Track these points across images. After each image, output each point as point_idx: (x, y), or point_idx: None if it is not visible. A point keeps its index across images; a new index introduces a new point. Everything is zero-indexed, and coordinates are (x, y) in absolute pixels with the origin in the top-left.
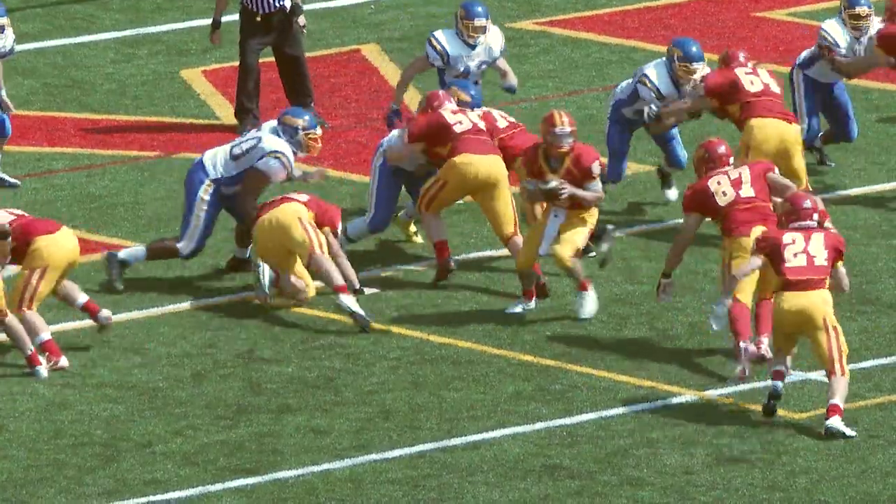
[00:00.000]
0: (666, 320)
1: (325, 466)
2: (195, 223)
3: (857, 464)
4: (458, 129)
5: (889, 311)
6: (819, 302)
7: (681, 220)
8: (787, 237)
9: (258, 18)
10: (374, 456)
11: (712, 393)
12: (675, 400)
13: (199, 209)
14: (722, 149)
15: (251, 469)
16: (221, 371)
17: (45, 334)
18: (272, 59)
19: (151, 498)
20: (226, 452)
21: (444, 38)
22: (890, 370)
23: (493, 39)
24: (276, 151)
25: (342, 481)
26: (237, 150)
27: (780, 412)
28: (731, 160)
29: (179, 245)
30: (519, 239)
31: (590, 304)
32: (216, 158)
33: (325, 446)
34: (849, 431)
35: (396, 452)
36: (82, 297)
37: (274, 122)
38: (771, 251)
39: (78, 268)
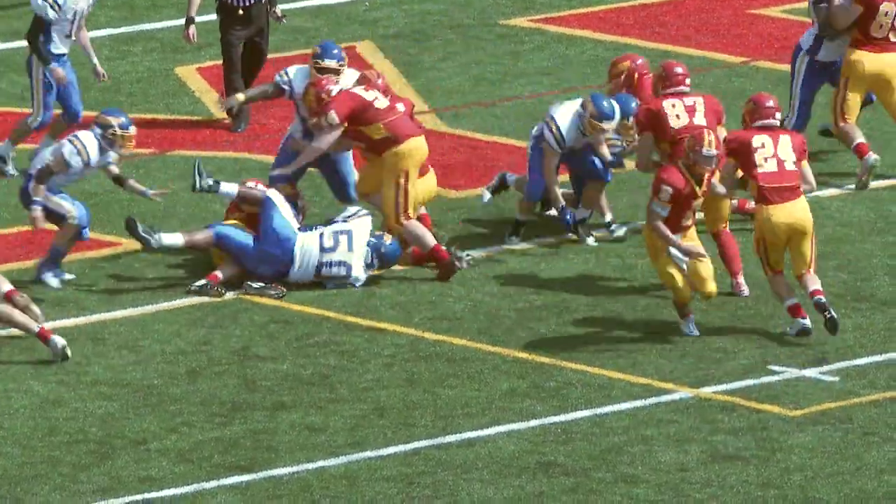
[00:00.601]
0: (661, 317)
1: (320, 463)
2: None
3: (851, 461)
4: (378, 105)
5: (883, 307)
6: (807, 209)
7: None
8: (756, 140)
9: (240, 12)
10: (368, 453)
11: (707, 390)
12: (669, 397)
13: None
14: (679, 70)
15: (246, 466)
16: (216, 368)
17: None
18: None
19: (146, 495)
20: (220, 449)
21: None
22: (884, 367)
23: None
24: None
25: (337, 478)
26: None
27: (775, 409)
28: (688, 81)
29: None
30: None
31: None
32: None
33: (320, 443)
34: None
35: (391, 449)
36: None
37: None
38: (741, 151)
39: (74, 266)
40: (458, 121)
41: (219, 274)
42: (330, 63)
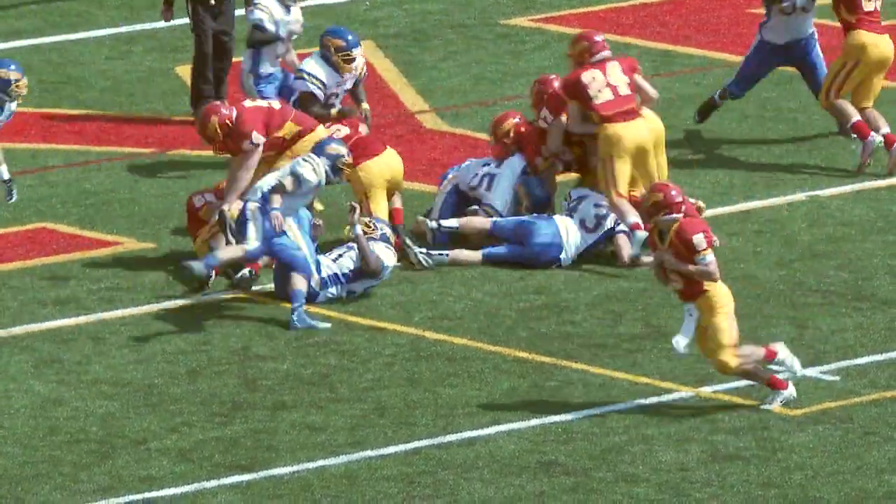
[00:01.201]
0: (661, 317)
1: (321, 463)
2: None
3: (852, 460)
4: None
5: (884, 307)
6: (650, 128)
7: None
8: (586, 76)
9: (212, 2)
10: (369, 452)
11: (707, 389)
12: (670, 396)
13: None
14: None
15: (246, 466)
16: (216, 368)
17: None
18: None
19: (146, 494)
20: (221, 449)
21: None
22: (885, 366)
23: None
24: None
25: (337, 478)
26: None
27: (776, 409)
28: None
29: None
30: None
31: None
32: None
33: (321, 443)
34: None
35: (391, 449)
36: None
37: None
38: (576, 92)
39: (72, 265)
40: (458, 120)
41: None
42: (355, 52)
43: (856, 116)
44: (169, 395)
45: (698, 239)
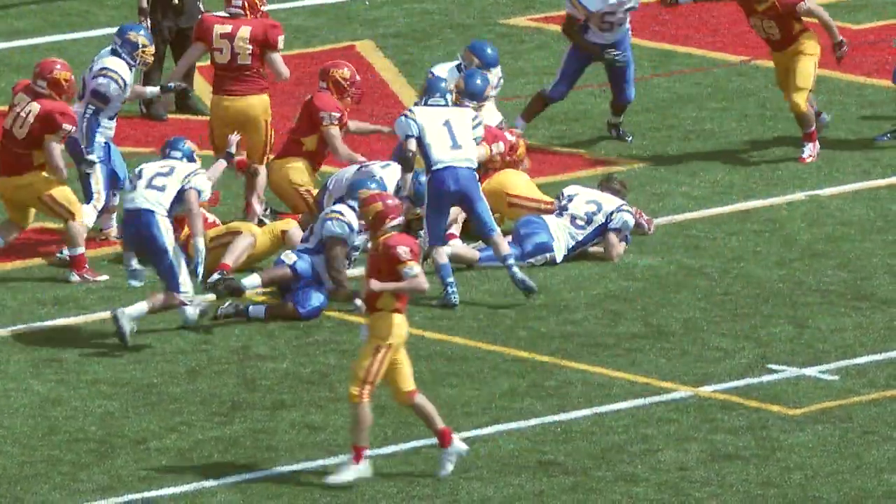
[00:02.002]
0: (660, 316)
1: (320, 462)
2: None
3: (851, 460)
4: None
5: (883, 306)
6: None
7: (676, 216)
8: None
9: (175, 1)
10: (368, 452)
11: (707, 389)
12: (669, 396)
13: None
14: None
15: (246, 465)
16: (216, 367)
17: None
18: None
19: (146, 494)
20: (220, 449)
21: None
22: (884, 366)
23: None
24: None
25: None
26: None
27: (775, 408)
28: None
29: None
30: None
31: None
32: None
33: (320, 442)
34: None
35: (391, 448)
36: None
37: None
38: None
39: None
40: None
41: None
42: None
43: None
44: (168, 394)
45: (403, 251)
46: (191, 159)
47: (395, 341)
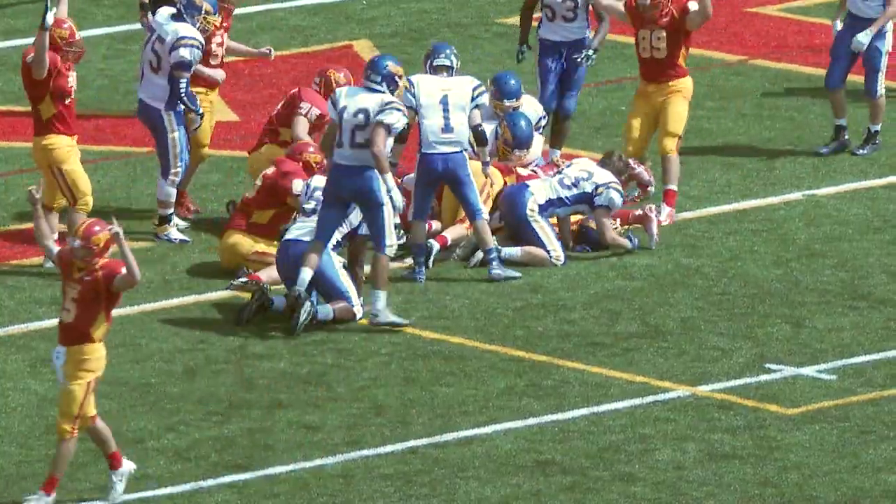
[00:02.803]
0: (658, 315)
1: (317, 462)
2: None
3: (848, 459)
4: None
5: (880, 306)
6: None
7: (673, 219)
8: None
9: None
10: (365, 451)
11: (704, 388)
12: (667, 395)
13: None
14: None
15: (243, 465)
16: (213, 367)
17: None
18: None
19: (143, 493)
20: (218, 448)
21: None
22: (882, 365)
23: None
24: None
25: (334, 477)
26: None
27: (772, 408)
28: None
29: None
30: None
31: None
32: None
33: (317, 442)
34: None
35: (388, 448)
36: None
37: None
38: None
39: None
40: None
41: (262, 276)
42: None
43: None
44: (166, 394)
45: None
46: (390, 82)
47: (102, 371)
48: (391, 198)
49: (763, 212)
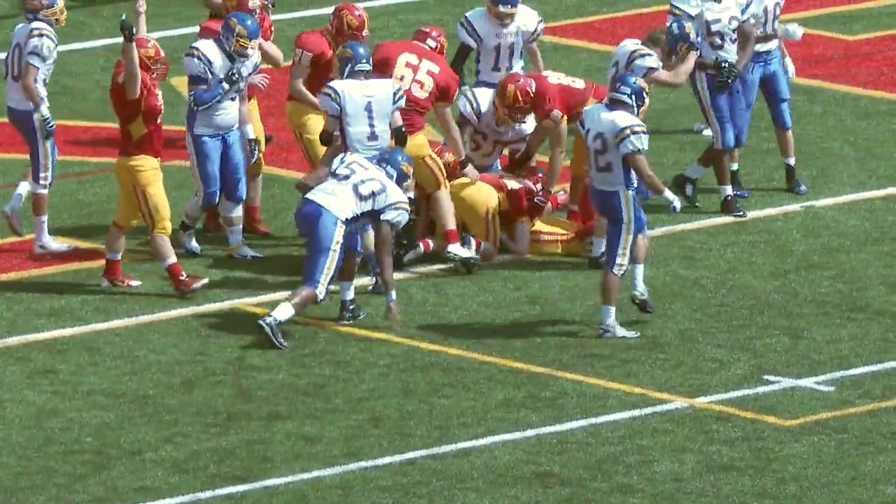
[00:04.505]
0: (656, 327)
1: (316, 474)
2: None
3: (847, 471)
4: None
5: (879, 317)
6: None
7: (672, 227)
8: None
9: None
10: (364, 463)
11: (702, 400)
12: (665, 407)
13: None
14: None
15: (241, 476)
16: (212, 378)
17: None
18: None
19: None
20: (216, 460)
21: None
22: (880, 377)
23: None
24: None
25: (332, 488)
26: (364, 192)
27: (771, 419)
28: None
29: (315, 290)
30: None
31: None
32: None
33: (316, 453)
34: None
35: (387, 459)
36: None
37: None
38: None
39: (67, 276)
40: None
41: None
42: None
43: None
44: (164, 405)
45: None
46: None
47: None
48: None
49: (761, 223)
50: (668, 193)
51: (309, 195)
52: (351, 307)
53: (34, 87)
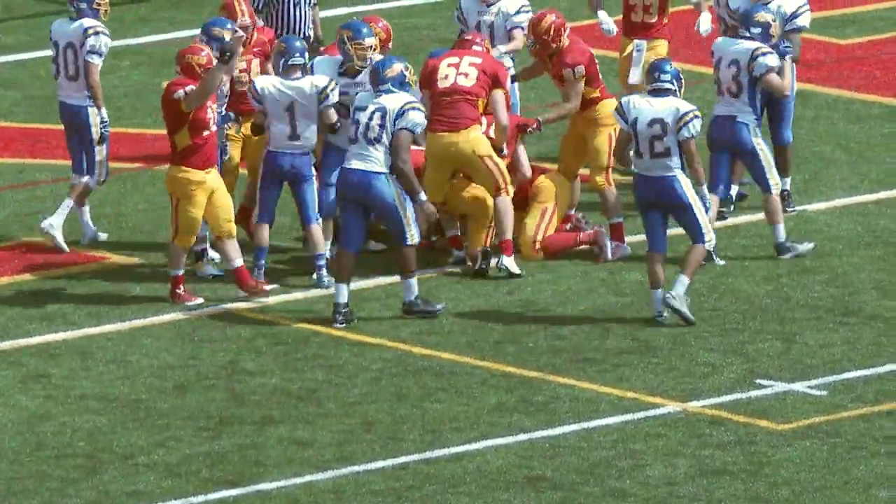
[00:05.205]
0: (648, 331)
1: (308, 478)
2: None
3: (839, 475)
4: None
5: (871, 322)
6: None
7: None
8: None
9: None
10: (356, 468)
11: (695, 404)
12: (657, 411)
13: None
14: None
15: (233, 481)
16: (204, 382)
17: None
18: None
19: None
20: (208, 464)
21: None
22: (872, 381)
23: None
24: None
25: (324, 493)
26: (373, 133)
27: (763, 423)
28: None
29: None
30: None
31: None
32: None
33: (308, 458)
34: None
35: (379, 464)
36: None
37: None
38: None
39: (60, 280)
40: None
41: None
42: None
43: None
44: (156, 409)
45: None
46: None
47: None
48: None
49: (754, 227)
50: (705, 189)
51: (346, 165)
52: (344, 310)
53: (100, 85)
